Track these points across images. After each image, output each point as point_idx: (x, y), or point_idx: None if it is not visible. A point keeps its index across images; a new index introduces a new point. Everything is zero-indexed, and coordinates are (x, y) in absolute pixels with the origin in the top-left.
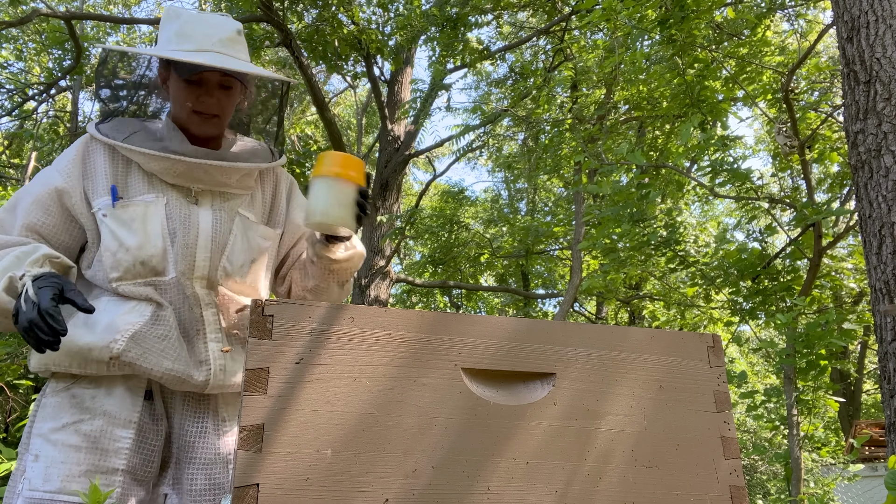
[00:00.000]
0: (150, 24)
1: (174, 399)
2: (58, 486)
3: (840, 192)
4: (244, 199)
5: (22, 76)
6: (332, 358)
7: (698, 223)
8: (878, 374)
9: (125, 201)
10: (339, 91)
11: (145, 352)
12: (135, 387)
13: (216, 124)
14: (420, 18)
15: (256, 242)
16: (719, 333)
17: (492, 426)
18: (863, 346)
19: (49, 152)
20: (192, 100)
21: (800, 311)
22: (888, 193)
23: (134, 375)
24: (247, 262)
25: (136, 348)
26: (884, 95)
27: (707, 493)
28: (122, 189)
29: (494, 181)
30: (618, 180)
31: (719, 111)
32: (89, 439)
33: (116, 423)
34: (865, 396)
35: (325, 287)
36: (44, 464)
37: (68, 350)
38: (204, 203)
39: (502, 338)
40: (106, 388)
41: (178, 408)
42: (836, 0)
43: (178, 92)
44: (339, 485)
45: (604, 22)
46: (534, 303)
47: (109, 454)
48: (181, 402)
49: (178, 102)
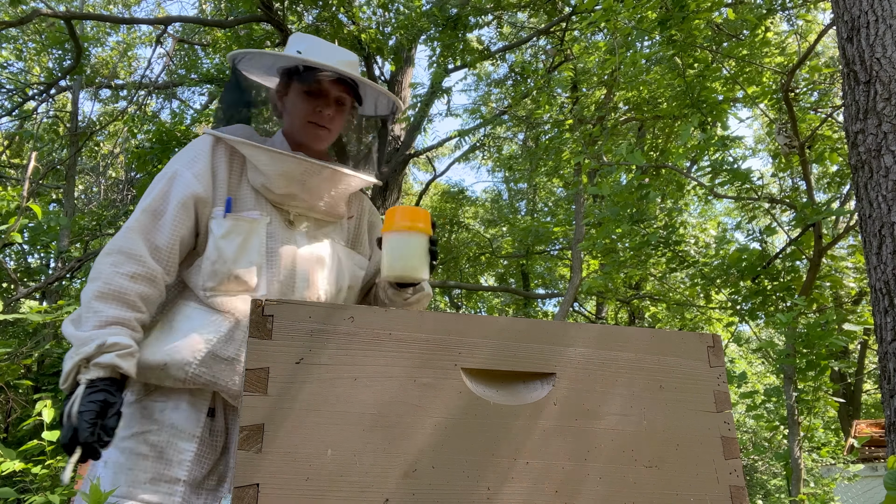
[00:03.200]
0: (151, 24)
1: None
2: (125, 491)
3: (839, 191)
4: (336, 227)
5: (22, 76)
6: (332, 358)
7: (698, 223)
8: (878, 374)
9: (235, 214)
10: None
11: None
12: (199, 402)
13: (327, 138)
14: (420, 18)
15: (353, 270)
16: (719, 333)
17: (492, 426)
18: (863, 346)
19: (49, 152)
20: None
21: (800, 310)
22: (888, 193)
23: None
24: (344, 287)
25: (207, 372)
26: (884, 95)
27: (707, 493)
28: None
29: (494, 181)
30: (617, 181)
31: (719, 112)
32: (156, 449)
33: (181, 437)
34: (865, 396)
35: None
36: (112, 470)
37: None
38: (300, 228)
39: (502, 338)
40: (174, 402)
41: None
42: (836, 0)
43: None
44: (339, 485)
45: (604, 22)
46: (534, 303)
47: (173, 464)
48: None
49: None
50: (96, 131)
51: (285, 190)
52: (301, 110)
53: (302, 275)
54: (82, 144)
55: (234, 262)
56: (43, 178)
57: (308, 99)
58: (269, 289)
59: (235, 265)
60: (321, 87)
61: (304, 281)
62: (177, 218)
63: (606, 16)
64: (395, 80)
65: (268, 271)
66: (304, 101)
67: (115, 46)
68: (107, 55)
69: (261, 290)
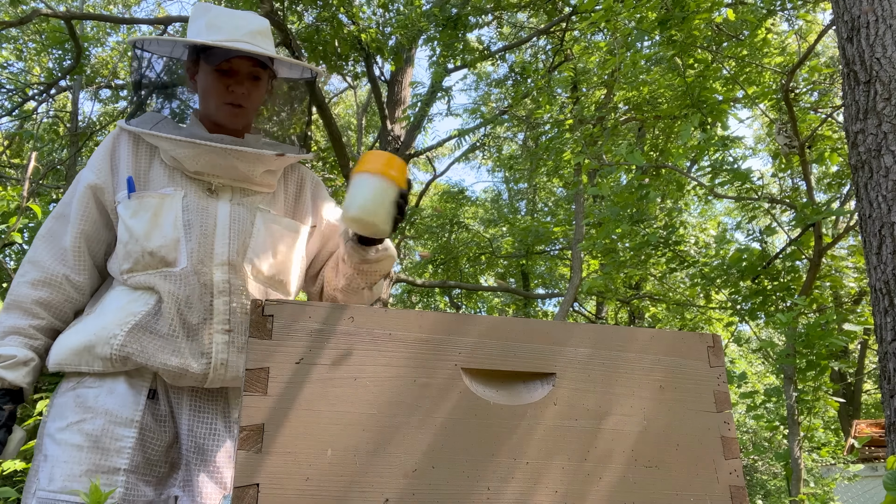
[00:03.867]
0: (151, 24)
1: (181, 399)
2: (60, 485)
3: (839, 191)
4: (265, 197)
5: (22, 76)
6: (332, 358)
7: (698, 223)
8: (878, 374)
9: (141, 192)
10: (340, 91)
11: (143, 345)
12: (138, 385)
13: (244, 115)
14: (420, 18)
15: (281, 234)
16: (719, 333)
17: (492, 426)
18: (863, 346)
19: (49, 152)
20: (221, 89)
21: (800, 310)
22: (888, 193)
23: (137, 373)
24: (272, 252)
25: (133, 342)
26: (884, 95)
27: (707, 493)
28: (142, 182)
29: (494, 181)
30: (617, 181)
31: (719, 112)
32: (91, 438)
33: (118, 422)
34: (865, 396)
35: (355, 287)
36: (50, 463)
37: (75, 348)
38: (223, 197)
39: (502, 338)
40: (109, 387)
41: (186, 408)
42: (835, 0)
43: (208, 83)
44: (339, 485)
45: (604, 23)
46: (534, 303)
47: (111, 453)
48: (189, 401)
49: (207, 94)
50: (96, 131)
51: (196, 168)
52: (212, 90)
53: (222, 244)
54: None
55: (146, 240)
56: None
57: (220, 78)
58: (189, 261)
59: (148, 242)
60: (231, 66)
61: (224, 247)
62: (77, 215)
63: (606, 16)
64: (395, 80)
65: (187, 244)
66: (214, 81)
67: (115, 46)
68: (107, 55)
69: (181, 263)
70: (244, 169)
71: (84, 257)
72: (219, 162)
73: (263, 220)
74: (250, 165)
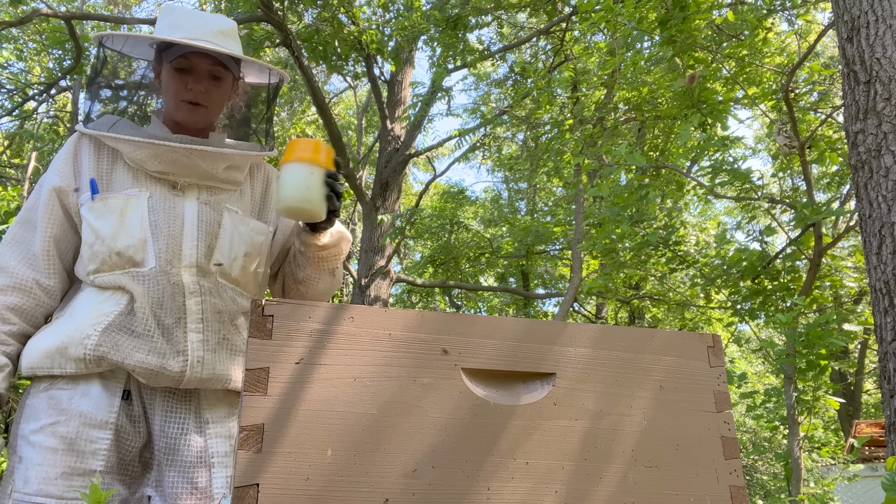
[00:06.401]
0: (151, 25)
1: (154, 400)
2: (35, 488)
3: (839, 191)
4: (232, 195)
5: (22, 76)
6: (332, 358)
7: (698, 223)
8: (878, 374)
9: (105, 194)
10: (340, 91)
11: (118, 345)
12: (112, 387)
13: (204, 114)
14: (420, 19)
15: (249, 236)
16: (719, 333)
17: (492, 426)
18: (863, 346)
19: (49, 152)
20: (180, 87)
21: (800, 310)
22: (888, 193)
23: (111, 374)
24: (240, 254)
25: (108, 342)
26: (884, 95)
27: (707, 493)
28: (105, 184)
29: (494, 181)
30: (617, 181)
31: (719, 112)
32: (65, 441)
33: (92, 425)
34: (865, 396)
35: (316, 277)
36: (25, 465)
37: (47, 351)
38: (190, 196)
39: (502, 338)
40: (83, 389)
41: (159, 409)
42: (835, 0)
43: (168, 81)
44: (339, 485)
45: (604, 23)
46: (534, 303)
47: (86, 456)
48: (162, 402)
49: (167, 91)
50: None
51: (157, 168)
52: (173, 88)
53: (190, 243)
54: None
55: (113, 240)
56: None
57: (179, 76)
58: (157, 261)
59: (115, 242)
60: (190, 63)
61: (192, 249)
62: (44, 219)
63: (606, 16)
64: (395, 81)
65: (154, 244)
66: (175, 79)
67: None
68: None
69: (148, 263)
70: (206, 167)
71: (54, 261)
72: (181, 160)
73: (231, 220)
74: (212, 163)
